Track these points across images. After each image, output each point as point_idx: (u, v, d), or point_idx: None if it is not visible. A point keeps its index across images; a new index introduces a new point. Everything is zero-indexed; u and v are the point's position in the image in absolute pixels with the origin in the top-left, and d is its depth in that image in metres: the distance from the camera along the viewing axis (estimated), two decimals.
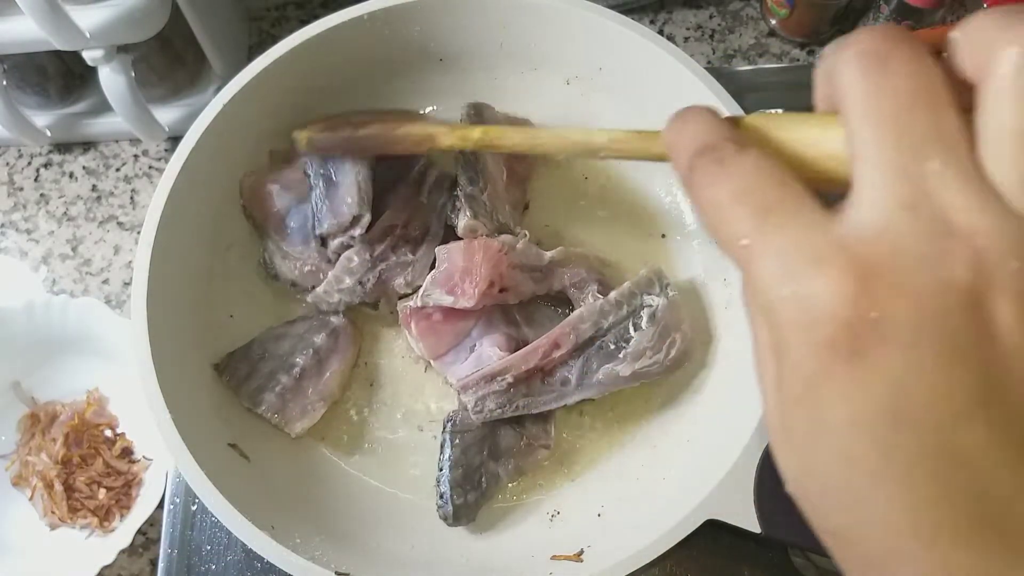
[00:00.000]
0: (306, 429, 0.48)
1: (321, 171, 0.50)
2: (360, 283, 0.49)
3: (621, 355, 0.46)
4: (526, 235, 0.50)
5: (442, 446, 0.47)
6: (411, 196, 0.51)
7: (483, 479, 0.46)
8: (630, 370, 0.46)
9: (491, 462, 0.47)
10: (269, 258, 0.52)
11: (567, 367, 0.47)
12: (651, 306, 0.47)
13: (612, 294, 0.47)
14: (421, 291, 0.48)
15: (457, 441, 0.46)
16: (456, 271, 0.47)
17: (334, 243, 0.50)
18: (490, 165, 0.51)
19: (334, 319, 0.50)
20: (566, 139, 0.36)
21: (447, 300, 0.47)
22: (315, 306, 0.50)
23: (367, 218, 0.49)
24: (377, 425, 0.51)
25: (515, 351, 0.47)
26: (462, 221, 0.49)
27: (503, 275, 0.47)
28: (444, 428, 0.47)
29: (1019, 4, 0.64)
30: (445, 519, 0.45)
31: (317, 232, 0.50)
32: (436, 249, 0.49)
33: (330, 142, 0.49)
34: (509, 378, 0.46)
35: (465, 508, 0.45)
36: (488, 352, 0.48)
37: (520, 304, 0.50)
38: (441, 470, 0.46)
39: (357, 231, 0.49)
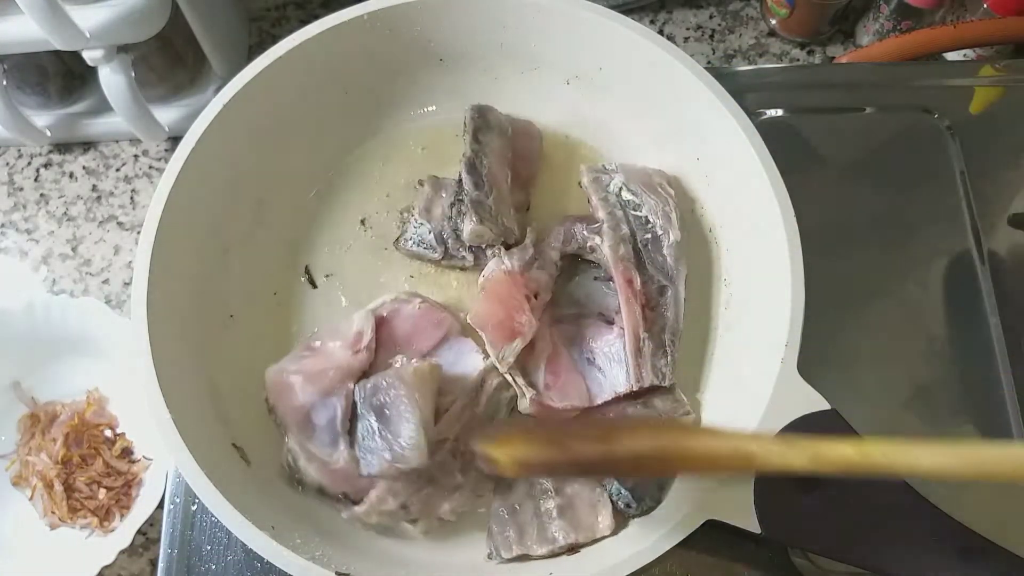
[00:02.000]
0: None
1: (372, 399, 0.43)
2: (403, 507, 0.44)
3: (660, 229, 0.49)
4: (498, 252, 0.49)
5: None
6: (467, 406, 0.46)
7: None
8: (677, 229, 0.49)
9: None
10: (293, 460, 0.45)
11: (650, 283, 0.49)
12: (618, 186, 0.51)
13: (600, 213, 0.50)
14: (497, 358, 0.46)
15: None
16: (502, 319, 0.47)
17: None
18: (495, 168, 0.51)
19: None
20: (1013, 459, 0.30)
21: (518, 344, 0.46)
22: (351, 522, 0.45)
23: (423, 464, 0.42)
24: None
25: (609, 323, 0.49)
26: (468, 227, 0.48)
27: (525, 286, 0.48)
28: None
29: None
30: (629, 507, 0.44)
31: (365, 472, 0.43)
32: (470, 321, 0.47)
33: (562, 465, 0.38)
34: (643, 334, 0.47)
35: (640, 486, 0.44)
36: (600, 347, 0.49)
37: (558, 306, 0.50)
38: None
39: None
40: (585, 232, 0.50)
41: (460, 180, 0.51)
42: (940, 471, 0.32)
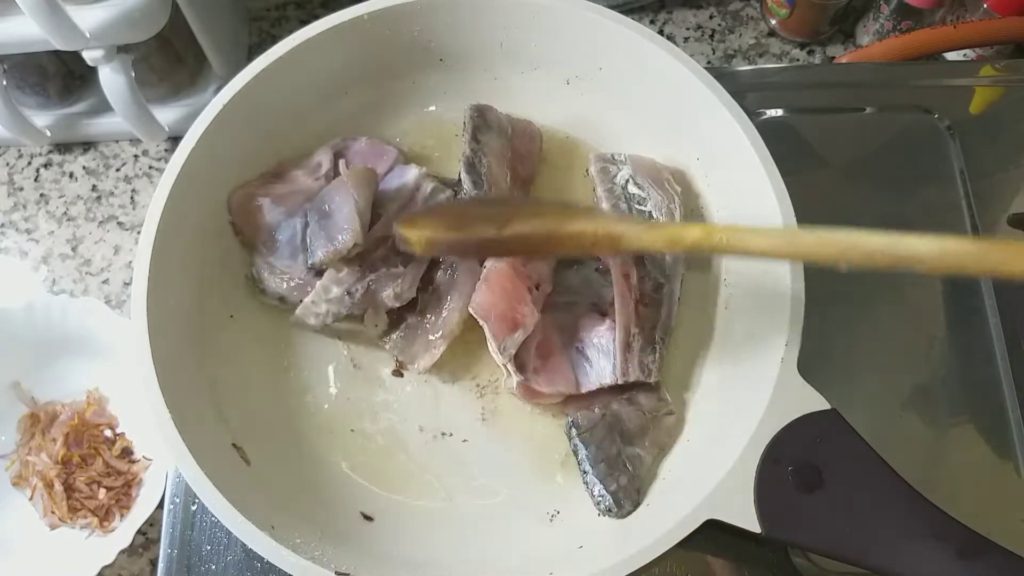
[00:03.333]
0: (429, 367, 0.49)
1: (319, 207, 0.49)
2: (348, 293, 0.48)
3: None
4: None
5: (576, 452, 0.46)
6: (404, 207, 0.51)
7: (627, 463, 0.46)
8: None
9: (627, 447, 0.46)
10: (257, 273, 0.51)
11: (646, 279, 0.49)
12: (626, 178, 0.50)
13: (602, 204, 0.50)
14: (496, 349, 0.46)
15: (588, 440, 0.46)
16: (505, 309, 0.47)
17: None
18: (494, 168, 0.51)
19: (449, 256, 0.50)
20: (835, 243, 0.32)
21: (520, 335, 0.46)
22: (301, 319, 0.50)
23: (360, 247, 0.48)
24: (377, 427, 0.50)
25: (603, 315, 0.49)
26: None
27: (527, 275, 0.48)
28: (570, 435, 0.47)
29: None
30: (610, 511, 0.45)
31: (310, 262, 0.49)
32: (470, 309, 0.47)
33: (461, 244, 0.43)
34: (634, 329, 0.47)
35: (623, 490, 0.45)
36: (592, 338, 0.48)
37: (556, 295, 0.50)
38: (586, 472, 0.46)
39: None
40: None
41: (459, 179, 0.51)
42: (770, 253, 0.37)
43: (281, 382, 0.51)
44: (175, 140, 0.62)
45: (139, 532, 0.57)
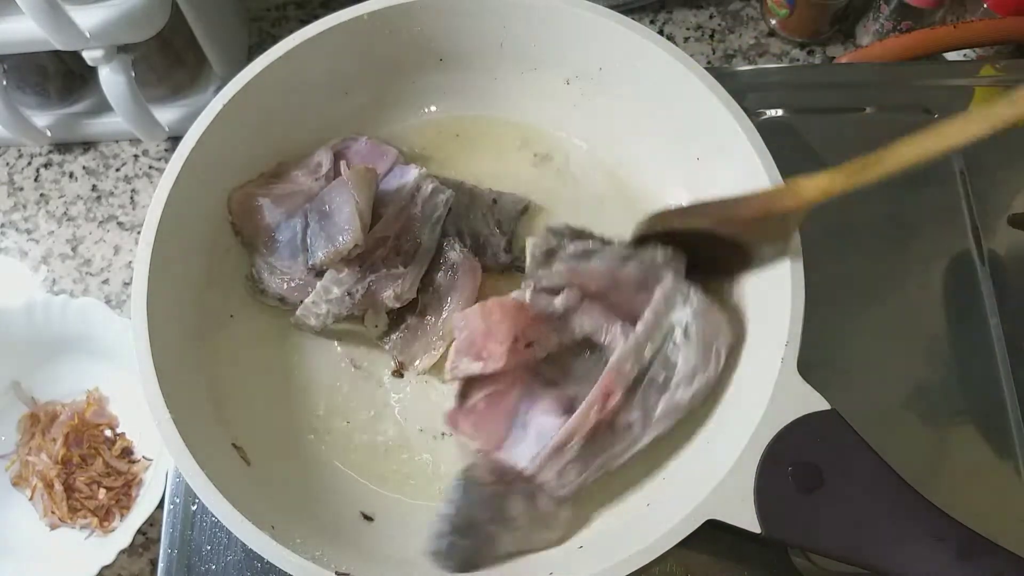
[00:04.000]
0: (428, 367, 0.49)
1: (319, 208, 0.49)
2: (349, 294, 0.48)
3: (674, 383, 0.44)
4: (532, 285, 0.47)
5: (453, 489, 0.44)
6: (404, 208, 0.51)
7: (484, 537, 0.43)
8: (689, 394, 0.44)
9: (496, 527, 0.43)
10: (257, 273, 0.51)
11: (628, 412, 0.44)
12: (681, 323, 0.45)
13: (639, 327, 0.44)
14: (448, 365, 0.45)
15: (469, 491, 0.43)
16: (478, 335, 0.45)
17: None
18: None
19: (452, 255, 0.50)
20: (980, 120, 0.35)
21: (476, 367, 0.44)
22: (302, 320, 0.50)
23: (361, 247, 0.48)
24: (377, 427, 0.50)
25: (569, 411, 0.44)
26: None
27: (525, 329, 0.45)
28: (459, 476, 0.44)
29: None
30: (434, 553, 0.42)
31: (310, 263, 0.49)
32: (454, 317, 0.47)
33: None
34: (578, 440, 0.43)
35: (458, 549, 0.42)
36: (543, 421, 0.45)
37: (551, 363, 0.47)
38: (445, 509, 0.43)
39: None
40: (614, 329, 0.46)
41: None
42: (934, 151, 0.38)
43: (281, 382, 0.51)
44: (175, 140, 0.62)
45: (139, 532, 0.57)
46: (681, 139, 0.53)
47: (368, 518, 0.48)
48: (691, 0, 0.76)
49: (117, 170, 0.72)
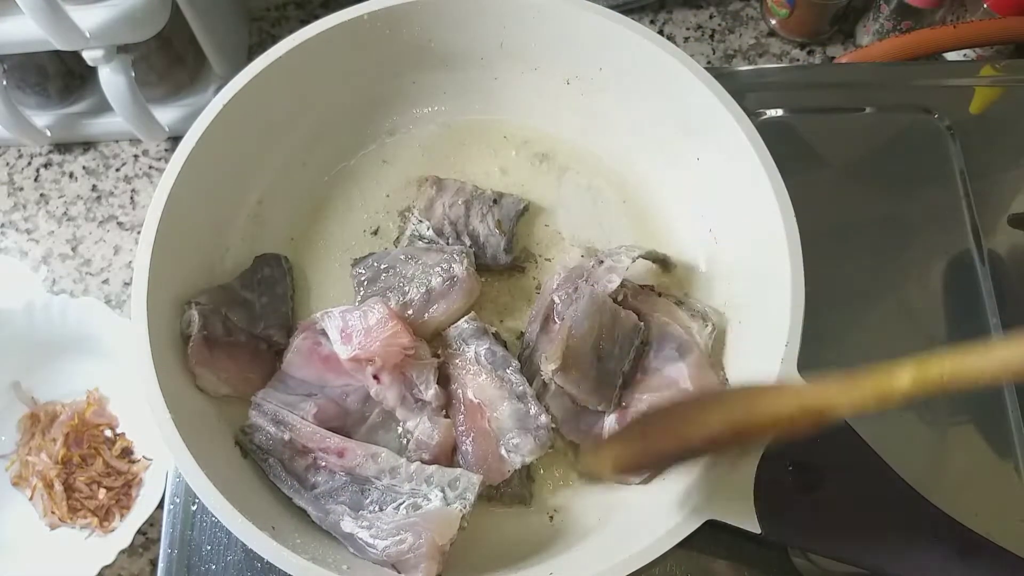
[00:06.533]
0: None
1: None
2: None
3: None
4: (435, 363, 0.48)
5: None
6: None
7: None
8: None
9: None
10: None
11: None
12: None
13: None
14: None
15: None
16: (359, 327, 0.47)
17: None
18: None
19: (457, 268, 0.49)
20: None
21: (338, 344, 0.46)
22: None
23: None
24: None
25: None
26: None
27: (384, 364, 0.46)
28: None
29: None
30: None
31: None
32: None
33: (649, 458, 0.42)
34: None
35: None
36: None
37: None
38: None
39: None
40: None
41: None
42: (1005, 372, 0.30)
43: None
44: (175, 140, 0.62)
45: (139, 532, 0.57)
46: (681, 139, 0.53)
47: None
48: (691, 0, 0.76)
49: (117, 170, 0.72)
